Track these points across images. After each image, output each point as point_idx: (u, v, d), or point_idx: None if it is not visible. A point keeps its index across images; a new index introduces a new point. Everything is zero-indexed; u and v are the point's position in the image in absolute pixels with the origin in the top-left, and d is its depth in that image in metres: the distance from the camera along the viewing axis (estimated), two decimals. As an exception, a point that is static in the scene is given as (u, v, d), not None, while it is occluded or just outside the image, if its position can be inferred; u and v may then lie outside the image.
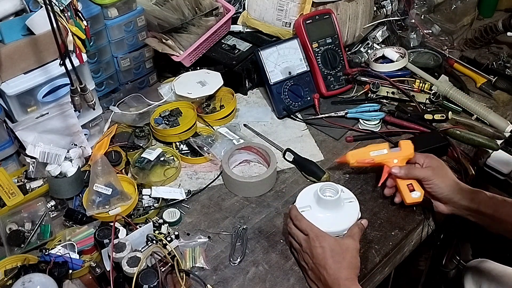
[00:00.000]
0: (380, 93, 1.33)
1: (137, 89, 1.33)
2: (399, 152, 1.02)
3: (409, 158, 1.02)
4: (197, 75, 1.34)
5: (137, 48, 1.29)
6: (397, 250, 1.00)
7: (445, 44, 1.51)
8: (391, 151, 1.03)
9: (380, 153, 1.03)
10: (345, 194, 0.96)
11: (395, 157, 1.01)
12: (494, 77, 1.38)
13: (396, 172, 0.99)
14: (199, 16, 1.37)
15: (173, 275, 0.90)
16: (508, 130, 1.21)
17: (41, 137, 1.08)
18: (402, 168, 0.99)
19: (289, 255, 0.96)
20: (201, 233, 1.00)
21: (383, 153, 1.02)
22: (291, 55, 1.31)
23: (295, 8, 1.38)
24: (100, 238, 0.92)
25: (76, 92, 1.00)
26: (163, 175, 1.14)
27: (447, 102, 1.30)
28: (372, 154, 1.03)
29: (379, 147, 1.04)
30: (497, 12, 1.72)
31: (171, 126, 1.23)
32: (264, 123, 1.30)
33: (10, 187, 1.03)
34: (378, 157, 1.02)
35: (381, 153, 1.03)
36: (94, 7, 1.14)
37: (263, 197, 1.08)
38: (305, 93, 1.32)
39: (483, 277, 1.19)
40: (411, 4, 1.53)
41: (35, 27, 1.00)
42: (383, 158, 1.02)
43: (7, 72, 1.00)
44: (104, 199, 1.02)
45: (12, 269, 0.89)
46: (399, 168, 0.99)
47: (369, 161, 1.03)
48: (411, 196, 0.98)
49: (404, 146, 1.02)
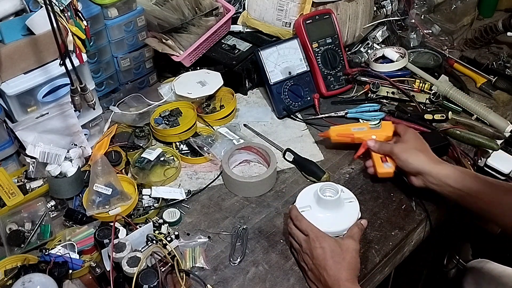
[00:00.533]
0: (380, 93, 1.33)
1: (137, 89, 1.33)
2: (379, 130, 1.09)
3: (388, 138, 1.08)
4: (197, 75, 1.34)
5: (137, 48, 1.29)
6: (397, 250, 1.00)
7: (445, 44, 1.50)
8: (371, 129, 1.10)
9: (360, 130, 1.11)
10: (345, 194, 0.96)
11: (374, 134, 1.08)
12: (494, 77, 1.38)
13: (370, 145, 1.05)
14: (199, 16, 1.37)
15: (173, 275, 0.90)
16: (508, 130, 1.21)
17: (41, 137, 1.08)
18: (377, 143, 1.05)
19: (289, 255, 0.96)
20: (201, 233, 1.00)
21: (363, 129, 1.10)
22: (291, 55, 1.31)
23: (295, 8, 1.38)
24: (100, 238, 0.91)
25: (76, 92, 1.00)
26: (163, 175, 1.14)
27: (447, 102, 1.30)
28: (353, 129, 1.12)
29: (361, 125, 1.12)
30: (497, 12, 1.72)
31: (171, 126, 1.23)
32: (264, 123, 1.30)
33: (10, 187, 1.03)
34: (358, 133, 1.10)
35: (362, 130, 1.11)
36: (94, 7, 1.14)
37: (263, 197, 1.08)
38: (305, 93, 1.32)
39: (483, 277, 1.19)
40: (411, 4, 1.53)
41: (35, 27, 1.00)
42: (363, 134, 1.10)
43: (7, 72, 1.00)
44: (104, 199, 1.02)
45: (12, 269, 0.89)
46: (374, 141, 1.05)
47: (349, 135, 1.11)
48: (383, 167, 1.03)
49: (385, 126, 1.10)
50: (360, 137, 1.11)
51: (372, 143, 1.05)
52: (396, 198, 1.07)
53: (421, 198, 1.06)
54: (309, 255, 0.87)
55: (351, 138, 1.12)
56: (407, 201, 1.06)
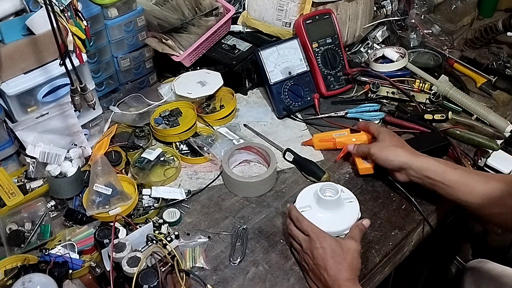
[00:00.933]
0: (380, 93, 1.33)
1: (137, 89, 1.33)
2: (358, 134, 1.17)
3: (367, 141, 1.15)
4: (197, 75, 1.34)
5: (137, 48, 1.29)
6: (397, 250, 1.00)
7: (445, 44, 1.50)
8: (351, 133, 1.18)
9: (341, 135, 1.18)
10: (345, 194, 0.96)
11: (354, 137, 1.17)
12: (494, 77, 1.38)
13: (350, 149, 1.12)
14: (199, 16, 1.37)
15: (173, 275, 0.90)
16: (508, 130, 1.21)
17: (41, 137, 1.08)
18: (355, 146, 1.11)
19: (289, 255, 0.96)
20: (201, 233, 1.00)
21: (343, 135, 1.18)
22: (291, 55, 1.31)
23: (295, 8, 1.38)
24: (100, 238, 0.91)
25: (76, 92, 1.00)
26: (163, 175, 1.14)
27: (447, 102, 1.30)
28: (334, 135, 1.19)
29: (342, 131, 1.20)
30: (497, 12, 1.72)
31: (171, 126, 1.23)
32: (264, 123, 1.30)
33: (10, 187, 1.03)
34: (340, 137, 1.18)
35: (342, 135, 1.18)
36: (94, 7, 1.14)
37: (263, 197, 1.08)
38: (305, 93, 1.32)
39: (483, 277, 1.19)
40: (411, 4, 1.53)
41: (35, 27, 1.00)
42: (343, 138, 1.18)
43: (7, 72, 1.00)
44: (104, 199, 1.02)
45: (12, 269, 0.89)
46: (353, 145, 1.11)
47: (331, 140, 1.18)
48: (363, 163, 1.09)
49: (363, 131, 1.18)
50: (341, 141, 1.17)
51: (351, 147, 1.11)
52: (396, 198, 1.07)
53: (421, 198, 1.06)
54: (310, 255, 0.87)
55: (333, 143, 1.18)
56: (407, 201, 1.06)
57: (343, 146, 1.16)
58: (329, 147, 1.19)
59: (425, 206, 1.04)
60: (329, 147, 1.19)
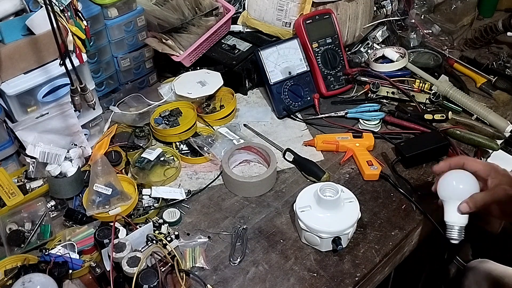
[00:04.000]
0: (380, 93, 1.33)
1: (137, 89, 1.33)
2: (361, 140, 1.18)
3: (370, 147, 1.17)
4: (197, 75, 1.34)
5: (137, 48, 1.29)
6: (397, 250, 1.00)
7: (445, 44, 1.51)
8: (353, 138, 1.19)
9: (344, 139, 1.19)
10: (345, 194, 0.96)
11: (357, 142, 1.17)
12: (494, 77, 1.38)
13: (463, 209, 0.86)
14: (199, 16, 1.37)
15: (173, 275, 0.90)
16: (508, 130, 1.21)
17: (41, 137, 1.08)
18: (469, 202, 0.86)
19: (289, 255, 0.96)
20: (201, 233, 1.00)
21: (347, 138, 1.18)
22: (291, 55, 1.31)
23: (295, 8, 1.38)
24: (100, 238, 0.91)
25: (76, 92, 1.00)
26: (163, 175, 1.14)
27: (447, 102, 1.30)
28: (337, 138, 1.19)
29: (344, 135, 1.20)
30: (497, 12, 1.72)
31: (171, 126, 1.23)
32: (264, 123, 1.30)
33: (10, 187, 1.03)
34: (343, 141, 1.18)
35: (345, 139, 1.18)
36: (94, 7, 1.14)
37: (263, 197, 1.08)
38: (305, 93, 1.32)
39: (483, 277, 1.19)
40: (411, 4, 1.53)
41: (35, 27, 1.00)
42: (346, 143, 1.18)
43: (7, 72, 1.00)
44: (104, 199, 1.02)
45: (12, 269, 0.89)
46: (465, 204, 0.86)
47: (334, 143, 1.18)
48: (370, 169, 1.10)
49: (366, 136, 1.19)
50: (344, 145, 1.18)
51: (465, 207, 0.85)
52: (396, 198, 1.07)
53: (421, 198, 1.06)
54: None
55: (336, 146, 1.18)
56: (407, 201, 1.06)
57: (345, 149, 1.17)
58: (331, 149, 1.19)
59: (425, 206, 1.04)
60: (331, 149, 1.19)
